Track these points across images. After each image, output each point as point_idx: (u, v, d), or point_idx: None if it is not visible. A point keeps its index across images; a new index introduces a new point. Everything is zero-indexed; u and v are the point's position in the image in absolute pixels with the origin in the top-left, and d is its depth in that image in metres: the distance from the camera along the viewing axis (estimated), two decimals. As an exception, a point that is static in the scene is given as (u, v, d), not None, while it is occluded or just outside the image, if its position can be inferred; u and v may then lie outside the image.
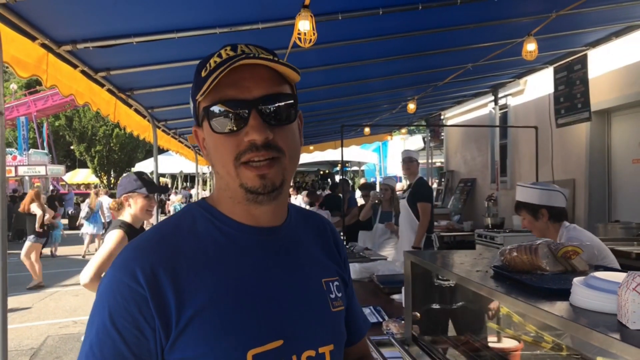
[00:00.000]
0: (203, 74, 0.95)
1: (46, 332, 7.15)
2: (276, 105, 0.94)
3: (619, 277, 1.49)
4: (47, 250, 14.08)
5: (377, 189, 7.63)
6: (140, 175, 3.32)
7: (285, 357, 0.94)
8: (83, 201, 25.59)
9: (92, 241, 14.49)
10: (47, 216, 10.99)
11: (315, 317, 1.03)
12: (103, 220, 14.53)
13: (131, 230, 3.19)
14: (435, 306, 2.92)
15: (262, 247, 1.01)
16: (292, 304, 0.99)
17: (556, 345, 2.36)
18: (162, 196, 14.90)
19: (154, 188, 3.30)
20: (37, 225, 10.56)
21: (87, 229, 14.22)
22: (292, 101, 0.97)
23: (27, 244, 10.35)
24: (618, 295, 1.38)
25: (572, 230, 3.30)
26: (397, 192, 7.15)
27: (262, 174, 0.93)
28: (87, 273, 2.85)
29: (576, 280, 1.60)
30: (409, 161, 5.99)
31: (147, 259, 0.90)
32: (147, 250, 0.92)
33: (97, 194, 15.05)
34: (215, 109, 0.93)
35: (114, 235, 3.05)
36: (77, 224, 10.91)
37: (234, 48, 0.98)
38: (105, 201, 14.91)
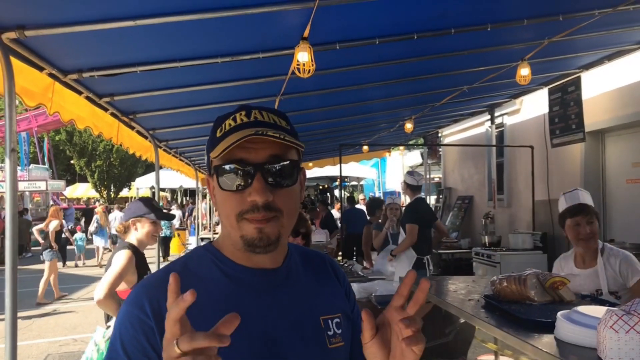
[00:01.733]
0: (218, 134, 1.07)
1: (46, 350, 7.18)
2: (279, 169, 1.04)
3: (600, 311, 1.58)
4: (72, 263, 15.54)
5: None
6: (149, 201, 3.49)
7: None
8: (83, 216, 25.80)
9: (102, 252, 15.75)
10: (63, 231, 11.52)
11: (311, 354, 1.09)
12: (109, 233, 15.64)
13: (136, 252, 3.31)
14: (432, 327, 2.99)
15: (261, 287, 1.09)
16: (288, 342, 1.06)
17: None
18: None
19: (161, 215, 3.43)
20: (52, 241, 10.86)
21: (99, 242, 15.33)
22: (295, 165, 1.07)
23: (47, 263, 10.60)
24: (597, 331, 1.46)
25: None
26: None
27: (259, 227, 1.02)
28: (100, 291, 3.04)
29: (560, 314, 1.69)
30: (408, 187, 6.09)
31: (155, 294, 1.00)
32: (156, 286, 1.03)
33: (107, 211, 15.77)
34: (224, 167, 1.04)
35: (123, 256, 3.22)
36: (87, 237, 11.62)
37: (248, 114, 1.08)
38: (119, 216, 15.70)
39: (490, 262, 7.11)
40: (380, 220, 7.00)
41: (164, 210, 3.89)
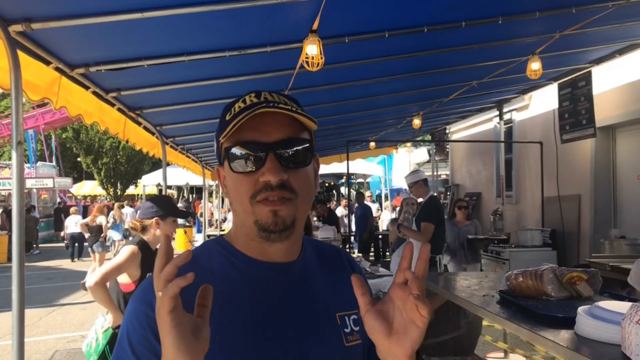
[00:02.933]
0: (227, 117, 1.02)
1: (54, 347, 7.18)
2: (292, 149, 1.00)
3: (624, 307, 1.53)
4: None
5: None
6: (171, 200, 3.45)
7: None
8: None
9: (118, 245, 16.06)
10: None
11: (326, 352, 1.05)
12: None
13: (146, 249, 3.27)
14: (442, 325, 2.94)
15: (275, 282, 1.04)
16: (302, 339, 1.02)
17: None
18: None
19: (182, 214, 3.42)
20: (105, 233, 12.12)
21: (116, 236, 15.44)
22: (307, 145, 1.02)
23: (98, 255, 11.81)
24: (622, 327, 1.41)
25: None
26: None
27: (275, 209, 0.97)
28: (93, 278, 3.02)
29: (581, 309, 1.64)
30: (410, 186, 6.00)
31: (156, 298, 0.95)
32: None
33: (121, 207, 16.42)
34: (236, 150, 0.99)
35: (128, 250, 3.18)
36: (102, 235, 12.07)
37: (257, 95, 1.04)
38: (130, 212, 16.61)
39: (499, 259, 7.05)
40: (395, 216, 6.95)
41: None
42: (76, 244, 15.84)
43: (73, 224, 15.19)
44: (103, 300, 3.09)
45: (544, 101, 8.23)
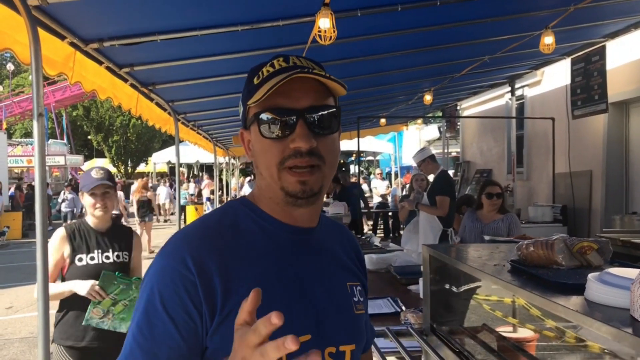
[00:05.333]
0: (256, 81, 1.01)
1: (71, 320, 7.34)
2: (321, 115, 1.00)
3: (633, 273, 1.56)
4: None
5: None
6: (88, 173, 2.90)
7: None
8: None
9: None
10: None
11: (340, 316, 1.09)
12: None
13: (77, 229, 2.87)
14: (453, 298, 2.99)
15: (298, 245, 1.07)
16: (321, 302, 1.05)
17: (571, 336, 2.43)
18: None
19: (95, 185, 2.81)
20: (155, 207, 13.69)
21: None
22: (335, 112, 1.03)
23: (150, 222, 13.24)
24: (631, 291, 1.44)
25: None
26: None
27: (303, 180, 0.98)
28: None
29: (591, 275, 1.67)
30: (419, 165, 5.98)
31: (195, 248, 0.96)
32: (195, 239, 0.99)
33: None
34: (265, 115, 0.98)
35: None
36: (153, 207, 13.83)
37: (286, 59, 1.04)
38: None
39: (509, 235, 7.07)
40: (406, 192, 6.94)
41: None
42: None
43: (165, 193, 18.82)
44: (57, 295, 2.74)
45: (556, 77, 8.15)
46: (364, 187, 15.27)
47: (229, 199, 17.50)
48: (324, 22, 3.45)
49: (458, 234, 4.81)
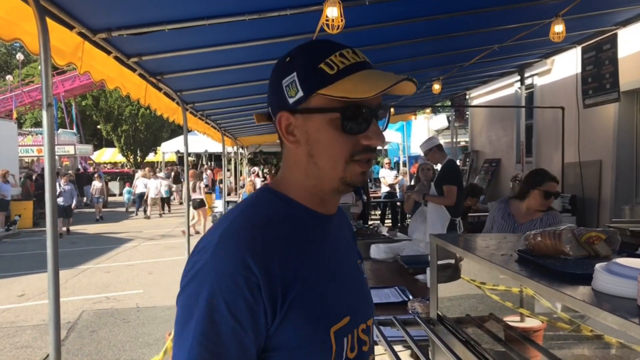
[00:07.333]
0: (329, 70, 0.99)
1: (81, 307, 7.44)
2: (385, 114, 1.07)
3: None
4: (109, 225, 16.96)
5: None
6: None
7: (350, 331, 1.05)
8: (111, 180, 27.13)
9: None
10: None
11: (362, 294, 1.16)
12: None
13: None
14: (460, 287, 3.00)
15: (326, 232, 1.11)
16: (349, 283, 1.11)
17: (578, 326, 2.43)
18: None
19: None
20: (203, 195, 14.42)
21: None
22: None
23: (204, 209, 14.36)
24: (638, 281, 1.44)
25: None
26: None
27: (364, 171, 1.03)
28: None
29: (598, 265, 1.67)
30: (426, 154, 5.96)
31: (253, 247, 0.94)
32: (249, 237, 0.97)
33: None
34: (345, 109, 0.99)
35: None
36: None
37: (354, 52, 1.03)
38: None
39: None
40: (412, 182, 6.91)
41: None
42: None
43: (142, 185, 19.77)
44: None
45: (566, 65, 8.08)
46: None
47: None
48: (332, 11, 3.44)
49: (485, 228, 4.11)
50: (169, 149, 24.34)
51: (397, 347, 2.90)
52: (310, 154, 1.03)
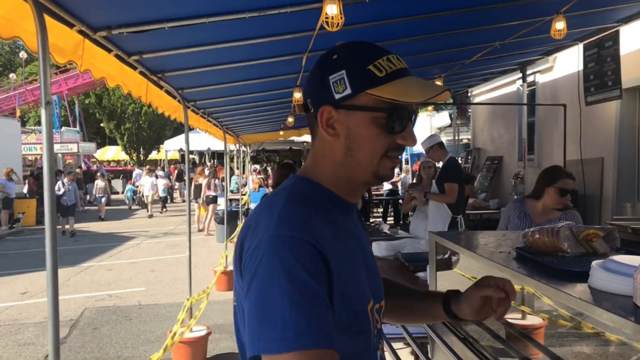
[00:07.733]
0: (378, 73, 1.06)
1: (83, 305, 7.46)
2: (415, 117, 1.15)
3: (637, 260, 1.56)
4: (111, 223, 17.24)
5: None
6: None
7: (373, 311, 1.12)
8: (114, 178, 27.18)
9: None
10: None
11: (378, 275, 1.24)
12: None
13: None
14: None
15: (351, 217, 1.20)
16: (370, 265, 1.20)
17: (578, 323, 2.43)
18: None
19: None
20: (202, 193, 14.74)
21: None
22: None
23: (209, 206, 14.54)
24: (634, 278, 1.44)
25: None
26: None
27: (394, 166, 1.15)
28: None
29: (595, 263, 1.67)
30: (427, 152, 5.94)
31: (311, 224, 1.01)
32: (305, 215, 1.03)
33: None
34: (390, 110, 1.07)
35: None
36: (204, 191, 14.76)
37: (398, 58, 1.12)
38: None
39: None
40: (414, 181, 6.89)
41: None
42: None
43: (150, 184, 19.83)
44: None
45: (568, 63, 8.06)
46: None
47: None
48: (331, 9, 3.44)
49: (498, 227, 3.91)
50: (171, 147, 24.40)
51: (396, 345, 2.90)
52: (348, 148, 1.10)
